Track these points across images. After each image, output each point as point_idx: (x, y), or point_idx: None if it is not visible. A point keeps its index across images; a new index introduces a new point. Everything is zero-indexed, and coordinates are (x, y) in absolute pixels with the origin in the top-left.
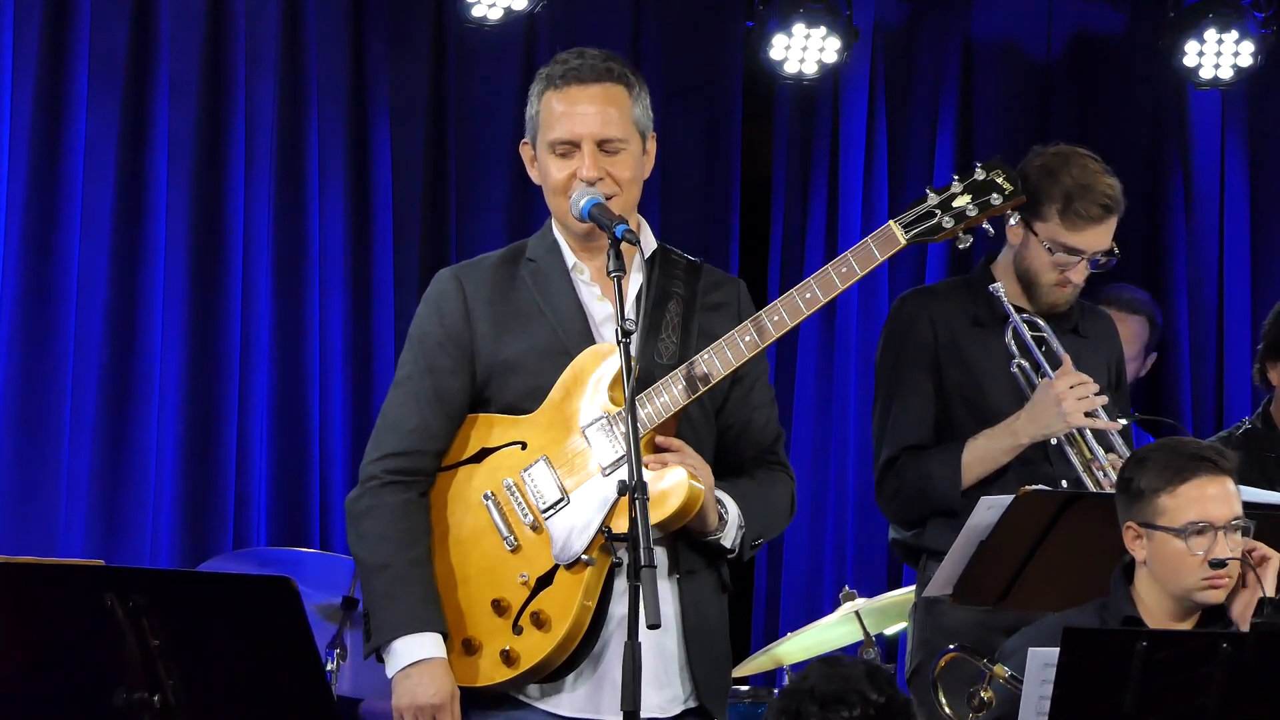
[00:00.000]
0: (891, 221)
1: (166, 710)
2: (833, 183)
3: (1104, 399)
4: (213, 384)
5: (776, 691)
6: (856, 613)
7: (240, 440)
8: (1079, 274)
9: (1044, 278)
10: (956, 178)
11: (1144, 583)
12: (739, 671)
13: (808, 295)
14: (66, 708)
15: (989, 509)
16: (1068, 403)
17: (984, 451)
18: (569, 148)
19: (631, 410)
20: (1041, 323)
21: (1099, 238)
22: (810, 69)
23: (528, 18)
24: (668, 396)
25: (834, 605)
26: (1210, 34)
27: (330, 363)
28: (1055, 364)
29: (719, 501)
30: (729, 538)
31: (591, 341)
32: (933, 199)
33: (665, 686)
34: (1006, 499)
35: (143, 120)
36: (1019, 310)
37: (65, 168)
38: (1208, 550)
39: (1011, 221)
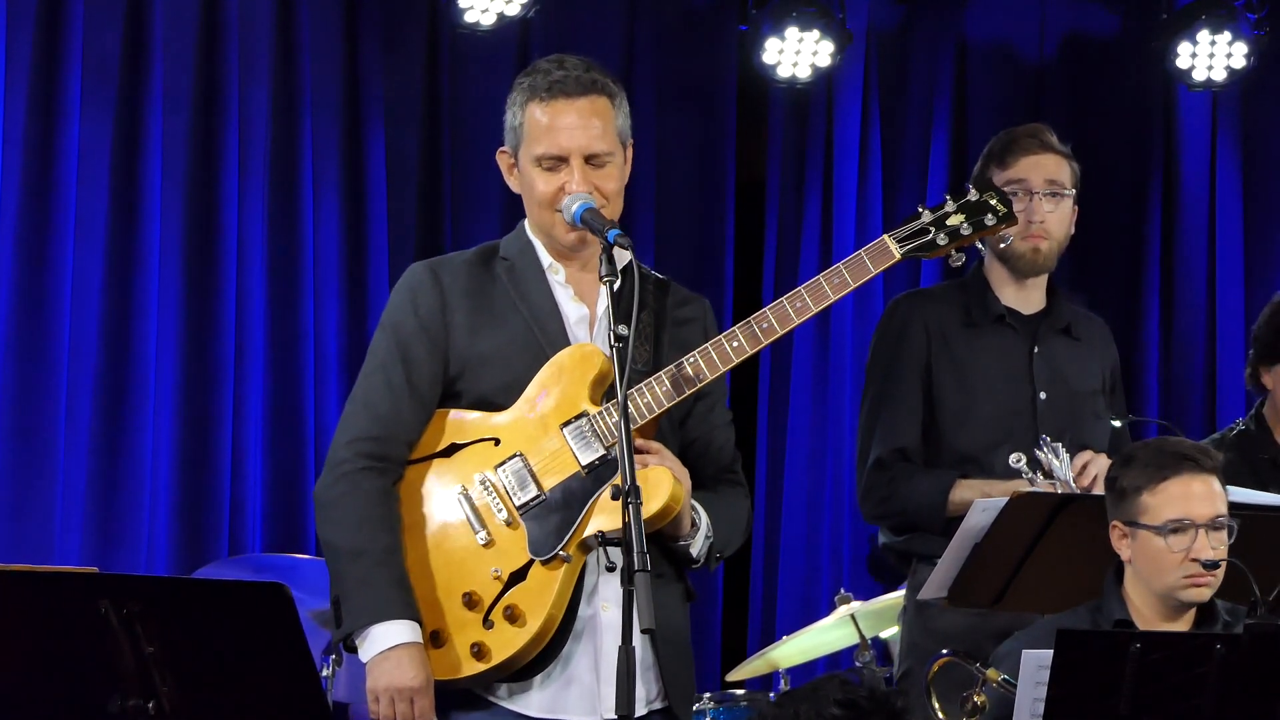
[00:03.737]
0: (886, 235)
1: (161, 717)
2: (827, 186)
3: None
4: (208, 390)
5: (772, 696)
6: (852, 616)
7: (235, 446)
8: (1039, 211)
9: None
10: (950, 197)
11: (1132, 584)
12: (735, 675)
13: (798, 304)
14: (61, 715)
15: (983, 511)
16: None
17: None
18: (556, 162)
19: (625, 415)
20: (1044, 456)
21: (1037, 167)
22: (804, 73)
23: (521, 23)
24: (650, 397)
25: (830, 608)
26: (1203, 35)
27: (325, 368)
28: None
29: (693, 508)
30: (697, 545)
31: (567, 341)
32: (926, 216)
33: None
34: (1001, 502)
35: (136, 127)
36: (1011, 312)
37: (59, 175)
38: (1187, 549)
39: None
